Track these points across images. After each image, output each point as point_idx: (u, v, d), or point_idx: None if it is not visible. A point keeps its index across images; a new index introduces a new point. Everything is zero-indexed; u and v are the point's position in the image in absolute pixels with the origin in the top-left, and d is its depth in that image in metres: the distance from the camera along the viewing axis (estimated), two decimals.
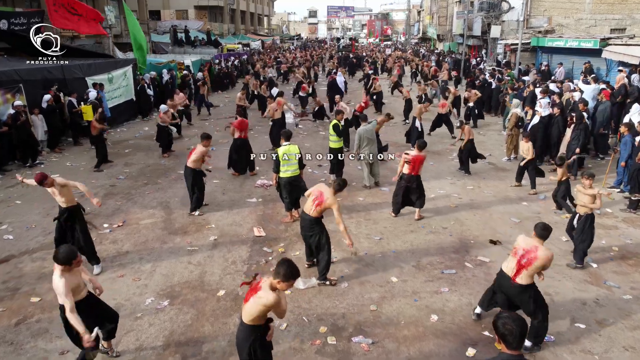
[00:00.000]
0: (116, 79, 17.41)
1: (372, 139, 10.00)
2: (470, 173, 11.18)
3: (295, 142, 15.15)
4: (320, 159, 12.55)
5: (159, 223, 8.48)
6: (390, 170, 11.48)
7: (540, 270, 4.95)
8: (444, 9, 47.37)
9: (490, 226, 8.28)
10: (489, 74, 20.21)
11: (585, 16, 27.46)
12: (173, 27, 36.34)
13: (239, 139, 11.10)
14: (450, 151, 13.49)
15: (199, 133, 16.62)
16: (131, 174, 11.39)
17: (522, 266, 4.92)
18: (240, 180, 10.97)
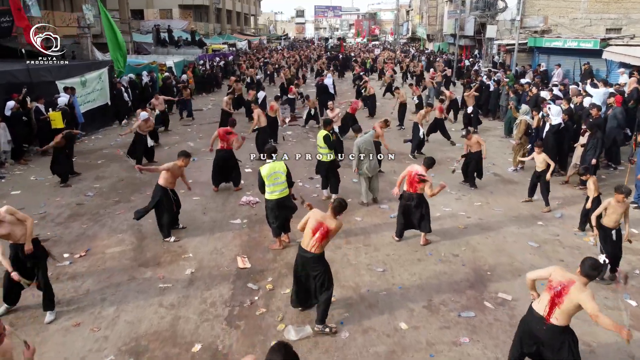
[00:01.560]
0: (90, 82, 16.19)
1: (372, 150, 8.99)
2: (476, 186, 10.22)
3: (283, 150, 14.44)
4: (309, 159, 11.53)
5: (128, 252, 7.37)
6: (390, 183, 10.49)
7: (576, 310, 4.06)
8: (434, 9, 46.63)
9: (506, 252, 7.31)
10: (486, 76, 19.33)
11: (580, 15, 26.79)
12: (156, 27, 35.08)
13: (221, 151, 10.00)
14: (452, 160, 12.54)
15: (180, 141, 15.93)
16: (101, 190, 10.24)
17: (556, 303, 4.02)
18: (223, 196, 9.89)
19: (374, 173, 9.04)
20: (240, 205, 9.35)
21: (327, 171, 9.26)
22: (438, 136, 14.33)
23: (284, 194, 7.38)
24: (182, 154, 7.82)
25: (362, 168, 8.91)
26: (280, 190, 7.34)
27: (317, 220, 5.27)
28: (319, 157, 9.31)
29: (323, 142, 9.03)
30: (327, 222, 5.26)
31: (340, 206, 5.30)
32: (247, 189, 10.31)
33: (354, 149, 8.89)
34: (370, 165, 8.91)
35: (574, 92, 13.13)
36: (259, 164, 12.40)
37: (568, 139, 11.01)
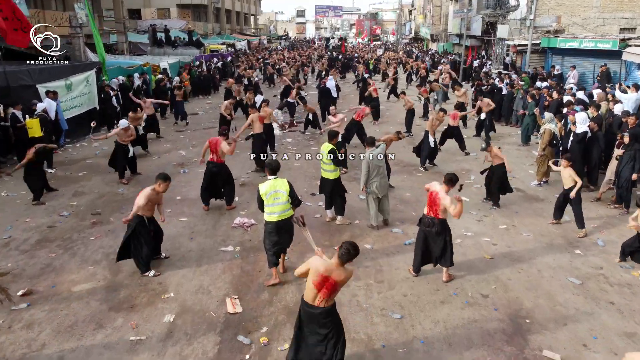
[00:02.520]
0: (76, 86, 15.08)
1: (383, 166, 7.88)
2: (499, 205, 9.10)
3: (281, 159, 13.31)
4: (311, 177, 10.45)
5: (98, 290, 6.26)
6: (400, 201, 9.37)
7: None
8: (438, 8, 45.50)
9: (544, 291, 6.20)
10: (498, 79, 18.22)
11: (593, 15, 25.68)
12: (152, 27, 33.93)
13: (212, 163, 8.88)
14: (468, 172, 11.43)
15: (171, 149, 14.58)
16: (78, 209, 9.13)
17: None
18: (213, 217, 8.77)
19: (384, 193, 7.92)
20: (233, 228, 8.24)
21: (332, 190, 8.15)
22: (450, 144, 13.21)
23: (285, 216, 6.31)
24: (160, 177, 6.68)
25: (372, 187, 7.79)
26: (280, 212, 6.27)
27: (321, 274, 4.16)
28: (323, 174, 8.19)
29: (327, 158, 7.91)
30: (333, 275, 4.17)
31: (349, 254, 4.19)
32: (241, 207, 9.21)
33: (363, 165, 7.78)
34: (380, 184, 7.80)
35: (600, 97, 12.02)
36: (255, 176, 11.39)
37: (598, 151, 9.90)
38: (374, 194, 7.83)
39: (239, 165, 12.02)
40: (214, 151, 8.77)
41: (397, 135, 9.80)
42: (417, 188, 10.24)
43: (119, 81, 17.77)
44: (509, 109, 16.95)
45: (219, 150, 8.70)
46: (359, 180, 10.62)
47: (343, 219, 8.34)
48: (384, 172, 7.88)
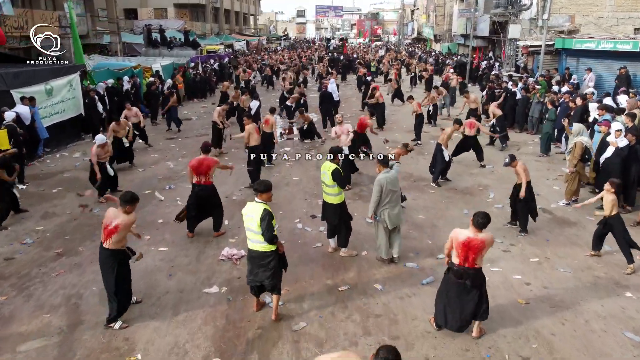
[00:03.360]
0: (57, 91, 13.93)
1: (397, 191, 6.71)
2: (526, 231, 7.93)
3: (279, 171, 12.39)
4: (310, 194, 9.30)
5: (49, 350, 5.10)
6: (413, 225, 8.19)
7: None
8: (442, 7, 44.35)
9: (598, 351, 5.03)
10: (511, 82, 17.05)
11: (607, 14, 24.53)
12: (146, 27, 32.83)
13: (198, 186, 7.70)
14: (486, 189, 10.26)
15: (159, 160, 12.83)
16: (44, 235, 7.97)
17: None
18: (198, 245, 7.61)
19: (395, 224, 6.72)
20: (220, 261, 7.08)
21: (335, 217, 6.97)
22: (464, 156, 12.02)
23: (257, 248, 5.33)
24: (125, 199, 5.50)
25: (383, 215, 6.62)
26: (253, 240, 5.33)
27: None
28: (325, 198, 7.02)
29: (331, 179, 6.74)
30: None
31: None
32: (231, 233, 8.04)
33: (375, 188, 6.60)
34: (393, 214, 6.61)
35: (632, 104, 10.85)
36: (249, 193, 10.22)
37: (637, 166, 8.75)
38: (384, 222, 6.66)
39: (232, 179, 10.85)
40: (200, 173, 7.59)
41: (406, 149, 8.63)
42: (431, 208, 9.08)
43: (106, 85, 16.61)
44: (524, 114, 15.78)
45: (210, 172, 7.57)
46: (365, 199, 9.54)
47: (348, 250, 7.18)
48: (398, 200, 6.71)
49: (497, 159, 12.60)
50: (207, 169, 7.69)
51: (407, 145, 8.69)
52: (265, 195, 5.26)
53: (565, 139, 12.67)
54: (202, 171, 7.60)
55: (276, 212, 8.94)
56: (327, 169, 6.77)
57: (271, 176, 11.17)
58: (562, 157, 12.55)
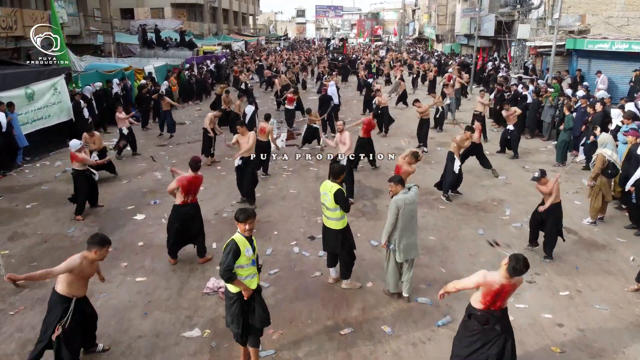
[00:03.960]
0: (40, 95, 13.06)
1: (415, 217, 5.78)
2: (552, 257, 7.04)
3: (275, 182, 11.29)
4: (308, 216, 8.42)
5: None
6: (425, 250, 7.28)
7: None
8: (444, 7, 43.46)
9: None
10: (521, 85, 16.18)
11: (617, 13, 23.64)
12: (141, 27, 31.89)
13: (183, 207, 6.80)
14: (501, 203, 9.37)
15: (145, 170, 11.65)
16: (9, 261, 7.06)
17: None
18: (181, 275, 6.71)
19: (408, 257, 5.80)
20: (204, 294, 6.19)
21: (337, 244, 6.07)
22: (474, 163, 11.13)
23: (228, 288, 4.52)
24: (94, 241, 4.59)
25: (398, 244, 5.69)
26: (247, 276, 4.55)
27: None
28: (326, 223, 6.12)
29: (333, 202, 5.84)
30: None
31: None
32: (219, 259, 7.11)
33: (391, 210, 5.64)
34: (407, 243, 5.69)
35: None
36: None
37: None
38: (398, 254, 5.72)
39: (224, 192, 9.98)
40: (187, 191, 6.70)
41: (416, 158, 7.69)
42: (442, 228, 8.19)
43: (94, 88, 15.74)
44: (536, 119, 14.91)
45: (195, 189, 6.71)
46: (369, 217, 8.66)
47: (351, 282, 6.30)
48: (414, 227, 5.79)
49: (509, 168, 11.74)
50: (197, 188, 6.84)
51: (416, 154, 7.72)
52: (243, 226, 4.39)
53: (583, 147, 11.84)
54: (192, 190, 6.73)
55: (270, 233, 8.13)
56: (329, 189, 5.87)
57: (267, 188, 10.31)
58: (580, 166, 11.69)
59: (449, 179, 9.51)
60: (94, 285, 6.21)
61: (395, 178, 5.78)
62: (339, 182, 5.94)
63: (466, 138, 9.62)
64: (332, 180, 5.94)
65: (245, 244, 4.41)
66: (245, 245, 4.40)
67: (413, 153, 7.53)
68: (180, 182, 6.65)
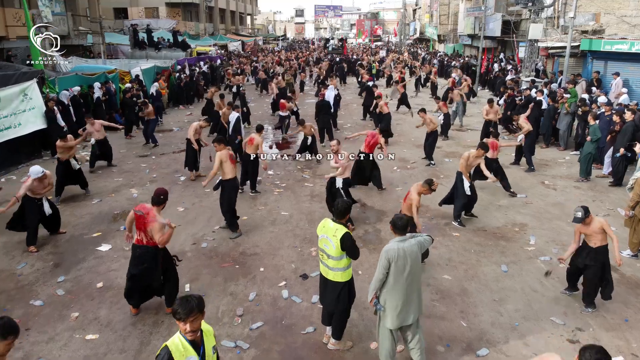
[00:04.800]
0: (6, 102, 11.81)
1: (413, 274, 4.40)
2: (594, 306, 5.79)
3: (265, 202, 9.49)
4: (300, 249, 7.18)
5: None
6: (439, 294, 6.04)
7: None
8: (446, 6, 42.24)
9: None
10: (535, 89, 14.95)
11: (630, 12, 22.45)
12: (132, 27, 30.64)
13: (140, 248, 5.46)
14: (524, 229, 8.13)
15: (121, 185, 10.35)
16: None
17: None
18: (144, 329, 5.47)
19: (402, 323, 4.44)
20: None
21: (337, 301, 4.81)
22: (486, 182, 9.90)
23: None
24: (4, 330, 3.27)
25: (388, 305, 4.45)
26: None
27: None
28: (325, 273, 4.83)
29: (339, 249, 4.56)
30: None
31: None
32: None
33: (380, 262, 4.39)
34: (398, 306, 4.37)
35: None
36: (223, 236, 8.06)
37: None
38: (386, 319, 4.47)
39: (205, 216, 8.74)
40: (141, 229, 5.45)
41: (429, 187, 6.47)
42: (458, 263, 6.95)
43: (71, 93, 14.51)
44: (551, 127, 13.70)
45: (148, 228, 5.38)
46: (371, 246, 7.39)
47: (340, 342, 5.05)
48: (414, 286, 4.43)
49: (527, 184, 10.52)
50: (146, 226, 5.39)
51: (430, 182, 6.48)
52: (184, 326, 3.08)
53: (610, 161, 10.64)
54: (141, 227, 5.45)
55: (256, 270, 6.85)
56: (331, 233, 4.60)
57: (255, 210, 9.08)
58: (607, 182, 10.48)
59: (459, 202, 8.27)
60: (33, 346, 5.02)
61: (397, 223, 4.47)
62: (344, 222, 4.71)
63: (477, 156, 8.37)
64: (336, 220, 4.69)
65: (185, 353, 3.06)
66: (186, 355, 3.06)
67: (427, 181, 6.33)
68: (135, 214, 5.39)
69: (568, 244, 7.43)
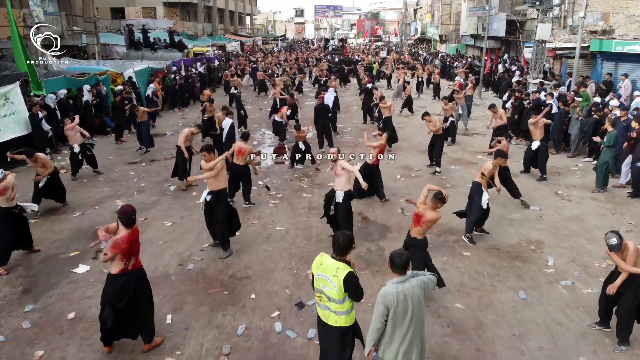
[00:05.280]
0: None
1: (416, 318, 3.73)
2: (629, 344, 5.12)
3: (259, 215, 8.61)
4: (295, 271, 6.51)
5: None
6: (452, 328, 5.35)
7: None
8: (447, 6, 41.57)
9: None
10: (544, 92, 14.28)
11: (639, 12, 21.82)
12: (128, 27, 29.99)
13: (121, 278, 4.79)
14: (540, 247, 7.45)
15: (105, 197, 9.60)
16: None
17: None
18: None
19: None
20: None
21: (338, 348, 4.11)
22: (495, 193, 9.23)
23: None
24: None
25: (387, 356, 3.79)
26: None
27: None
28: (325, 317, 4.10)
29: (341, 292, 3.87)
30: None
31: None
32: (172, 342, 5.23)
33: (377, 308, 3.75)
34: (409, 350, 3.75)
35: None
36: (212, 255, 7.39)
37: None
38: None
39: (193, 232, 8.06)
40: (131, 255, 4.76)
41: (441, 201, 5.71)
42: (471, 288, 6.27)
43: (57, 97, 13.83)
44: (562, 131, 13.01)
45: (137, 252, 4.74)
46: (373, 268, 6.72)
47: None
48: (418, 332, 3.78)
49: (540, 195, 9.85)
50: (138, 245, 4.92)
51: (440, 196, 5.73)
52: None
53: (631, 170, 9.96)
54: (134, 251, 4.81)
55: (246, 297, 6.12)
56: (331, 272, 3.90)
57: (248, 224, 8.39)
58: (625, 192, 9.80)
59: (473, 216, 7.61)
60: None
61: (396, 260, 3.76)
62: (347, 259, 4.02)
63: (499, 164, 7.70)
64: (336, 257, 4.01)
65: None
66: None
67: (436, 194, 5.62)
68: (117, 247, 4.67)
69: (590, 265, 6.85)
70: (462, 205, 9.04)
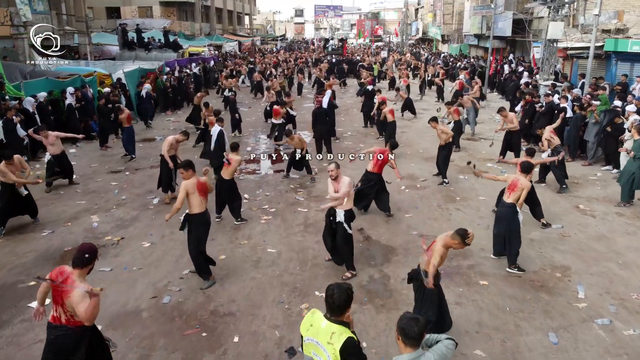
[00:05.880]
0: None
1: None
2: None
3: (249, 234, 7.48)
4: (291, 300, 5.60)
5: None
6: None
7: None
8: (450, 5, 40.67)
9: None
10: (557, 95, 13.37)
11: None
12: (121, 26, 29.09)
13: (56, 329, 3.83)
14: (566, 274, 6.53)
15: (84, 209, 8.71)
16: None
17: None
18: None
19: None
20: None
21: None
22: None
23: None
24: None
25: None
26: None
27: None
28: None
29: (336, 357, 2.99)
30: None
31: None
32: None
33: None
34: None
35: None
36: (192, 285, 6.46)
37: None
38: None
39: (173, 256, 7.15)
40: (58, 302, 3.86)
41: (463, 241, 4.76)
42: (492, 328, 5.34)
43: (36, 100, 12.92)
44: (578, 137, 12.11)
45: (66, 302, 3.80)
46: (377, 302, 5.73)
47: None
48: None
49: (559, 210, 8.92)
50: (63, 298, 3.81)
51: (464, 235, 4.71)
52: None
53: None
54: (58, 299, 3.88)
55: (228, 340, 5.11)
56: (325, 338, 2.99)
57: (236, 245, 7.50)
58: None
59: (516, 242, 6.60)
60: None
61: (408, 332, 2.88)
62: (347, 319, 3.11)
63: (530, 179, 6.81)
64: (332, 319, 3.09)
65: None
66: None
67: (459, 232, 4.66)
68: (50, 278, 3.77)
69: (626, 298, 5.93)
70: (474, 222, 8.18)
